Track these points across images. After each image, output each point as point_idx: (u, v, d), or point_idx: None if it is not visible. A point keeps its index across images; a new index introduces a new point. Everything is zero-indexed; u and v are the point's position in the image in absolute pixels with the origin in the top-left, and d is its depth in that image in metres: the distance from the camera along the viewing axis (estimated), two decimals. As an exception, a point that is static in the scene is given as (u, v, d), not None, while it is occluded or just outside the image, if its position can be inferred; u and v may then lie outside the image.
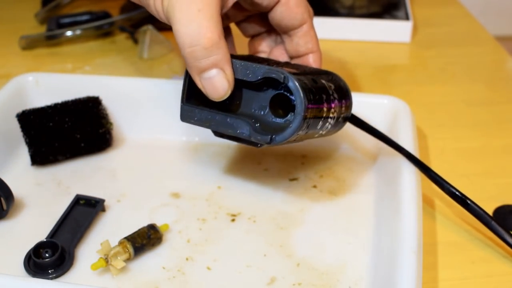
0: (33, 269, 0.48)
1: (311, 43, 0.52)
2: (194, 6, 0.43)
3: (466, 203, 0.50)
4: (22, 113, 0.57)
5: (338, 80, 0.51)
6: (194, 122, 0.48)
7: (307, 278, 0.48)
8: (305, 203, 0.55)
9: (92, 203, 0.53)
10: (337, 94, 0.49)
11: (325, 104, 0.47)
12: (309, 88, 0.45)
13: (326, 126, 0.48)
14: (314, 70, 0.51)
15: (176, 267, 0.49)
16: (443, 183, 0.51)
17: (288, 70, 0.45)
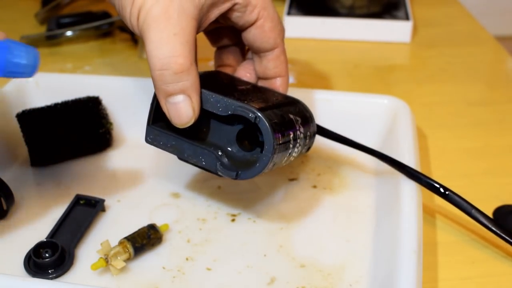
0: (33, 269, 0.48)
1: (280, 68, 0.52)
2: (171, 29, 0.43)
3: (445, 194, 0.50)
4: (22, 113, 0.57)
5: (304, 111, 0.51)
6: (159, 146, 0.48)
7: (307, 278, 0.48)
8: (305, 203, 0.55)
9: (92, 203, 0.53)
10: (303, 127, 0.49)
11: (292, 142, 0.47)
12: (279, 127, 0.45)
13: (289, 159, 0.49)
14: (282, 100, 0.50)
15: (176, 267, 0.49)
16: (420, 177, 0.51)
17: (258, 106, 0.45)
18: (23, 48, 0.39)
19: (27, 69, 0.39)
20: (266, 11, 0.49)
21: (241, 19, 0.49)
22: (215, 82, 0.50)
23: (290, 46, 0.84)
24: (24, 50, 0.39)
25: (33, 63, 0.39)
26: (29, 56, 0.39)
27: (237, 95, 0.47)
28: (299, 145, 0.49)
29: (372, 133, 0.59)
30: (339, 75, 0.78)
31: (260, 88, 0.52)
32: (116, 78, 0.64)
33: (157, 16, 0.43)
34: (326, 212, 0.54)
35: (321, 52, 0.83)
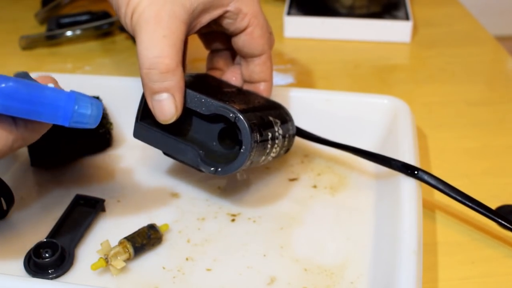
0: (33, 269, 0.48)
1: (265, 73, 0.54)
2: (160, 32, 0.46)
3: (414, 174, 0.50)
4: (22, 113, 0.57)
5: (284, 115, 0.54)
6: (146, 141, 0.51)
7: (307, 278, 0.48)
8: (305, 202, 0.55)
9: (92, 203, 0.53)
10: (282, 129, 0.52)
11: (270, 141, 0.50)
12: (257, 127, 0.48)
13: (267, 158, 0.52)
14: (264, 104, 0.53)
15: (176, 267, 0.49)
16: (390, 162, 0.52)
17: (239, 107, 0.48)
18: (88, 99, 0.41)
19: (91, 120, 0.41)
20: (256, 19, 0.51)
21: (232, 25, 0.51)
22: (202, 83, 0.53)
23: (290, 46, 0.85)
24: (89, 101, 0.41)
25: (96, 114, 0.42)
26: (93, 107, 0.41)
27: (221, 96, 0.50)
28: (277, 145, 0.52)
29: (372, 133, 0.59)
30: (339, 75, 0.78)
31: (245, 91, 0.55)
32: (116, 78, 0.64)
33: (148, 19, 0.46)
34: (326, 212, 0.54)
35: (321, 52, 0.83)
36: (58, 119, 0.40)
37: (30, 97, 0.39)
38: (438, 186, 0.50)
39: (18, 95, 0.38)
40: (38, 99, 0.39)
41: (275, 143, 0.51)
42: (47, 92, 0.40)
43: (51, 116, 0.40)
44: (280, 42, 0.86)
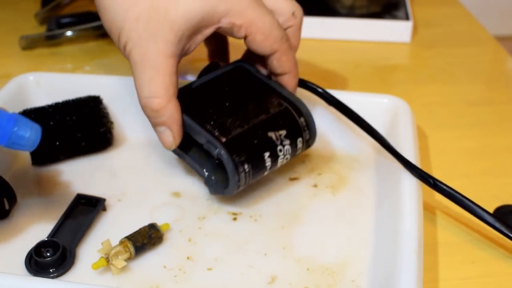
0: (34, 268, 0.48)
1: (284, 67, 0.54)
2: (147, 73, 0.49)
3: (435, 184, 0.51)
4: (22, 113, 0.57)
5: (294, 119, 0.53)
6: (175, 153, 0.55)
7: (308, 277, 0.48)
8: (306, 202, 0.55)
9: (93, 202, 0.53)
10: (289, 138, 0.53)
11: (268, 160, 0.52)
12: (246, 156, 0.50)
13: (274, 169, 0.53)
14: (266, 117, 0.53)
15: (177, 266, 0.49)
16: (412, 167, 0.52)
17: (226, 138, 0.50)
18: (28, 123, 0.43)
19: (28, 143, 0.43)
20: (254, 26, 0.51)
21: (231, 36, 0.52)
22: (205, 93, 0.55)
23: (290, 46, 0.84)
24: (29, 125, 0.42)
25: (35, 138, 0.43)
26: (32, 131, 0.43)
27: (216, 117, 0.52)
28: (284, 156, 0.53)
29: (373, 132, 0.59)
30: (339, 75, 0.78)
31: (252, 97, 0.54)
32: (116, 78, 0.64)
33: (136, 61, 0.49)
34: (327, 211, 0.54)
35: (321, 52, 0.83)
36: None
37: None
38: (457, 198, 0.50)
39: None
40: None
41: (278, 157, 0.52)
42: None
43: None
44: (280, 42, 0.85)
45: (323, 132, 0.59)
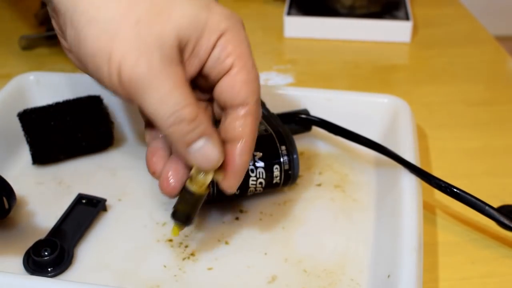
0: (32, 267, 0.48)
1: (244, 130, 0.44)
2: (166, 84, 0.40)
3: (456, 194, 0.50)
4: (23, 112, 0.57)
5: (273, 145, 0.52)
6: None
7: (308, 276, 0.48)
8: (306, 201, 0.55)
9: (94, 202, 0.53)
10: (264, 161, 0.52)
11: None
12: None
13: (245, 189, 0.52)
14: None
15: (177, 266, 0.49)
16: (432, 179, 0.51)
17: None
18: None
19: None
20: (242, 60, 0.43)
21: (215, 68, 0.44)
22: None
23: (290, 46, 0.85)
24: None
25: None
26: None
27: None
28: (255, 179, 0.52)
29: (372, 132, 0.59)
30: (339, 75, 0.78)
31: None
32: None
33: (145, 74, 0.40)
34: (327, 210, 0.54)
35: (321, 52, 0.83)
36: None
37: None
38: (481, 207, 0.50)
39: None
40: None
41: (248, 177, 0.51)
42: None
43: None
44: (280, 42, 0.86)
45: (323, 132, 0.59)
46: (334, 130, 0.57)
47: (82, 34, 0.40)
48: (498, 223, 0.50)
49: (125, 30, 0.40)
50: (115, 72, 0.40)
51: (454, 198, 0.50)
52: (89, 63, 0.41)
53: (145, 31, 0.40)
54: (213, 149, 0.43)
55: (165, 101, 0.40)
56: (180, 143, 0.42)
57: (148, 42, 0.40)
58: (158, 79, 0.40)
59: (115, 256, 0.50)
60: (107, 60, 0.40)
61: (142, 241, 0.51)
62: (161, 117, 0.41)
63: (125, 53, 0.40)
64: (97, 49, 0.40)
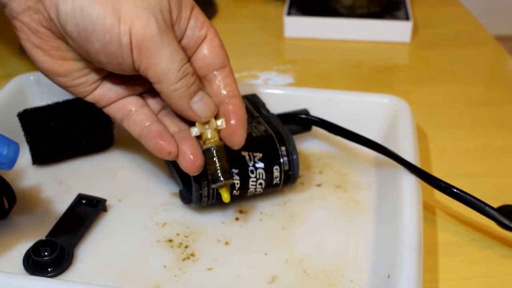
0: (32, 268, 0.48)
1: (231, 87, 0.49)
2: (173, 38, 0.44)
3: (457, 194, 0.50)
4: (23, 112, 0.57)
5: (273, 146, 0.53)
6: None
7: (308, 276, 0.48)
8: (306, 201, 0.55)
9: (94, 202, 0.53)
10: (263, 162, 0.52)
11: (236, 177, 0.51)
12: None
13: (245, 190, 0.52)
14: (249, 139, 0.51)
15: (177, 266, 0.49)
16: (432, 179, 0.51)
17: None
18: (6, 141, 0.41)
19: (7, 160, 0.41)
20: (212, 28, 0.48)
21: (192, 38, 0.47)
22: None
23: (290, 46, 0.85)
24: (7, 142, 0.41)
25: (13, 156, 0.42)
26: (10, 148, 0.41)
27: None
28: (255, 180, 0.52)
29: (373, 132, 0.59)
30: (339, 75, 0.78)
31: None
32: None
33: (156, 33, 0.43)
34: (327, 211, 0.54)
35: (321, 52, 0.83)
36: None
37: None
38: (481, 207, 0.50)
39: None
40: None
41: (248, 178, 0.52)
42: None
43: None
44: (280, 42, 0.86)
45: (323, 132, 0.59)
46: (334, 130, 0.57)
47: (86, 1, 0.42)
48: (498, 223, 0.50)
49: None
50: (127, 32, 0.42)
51: (454, 199, 0.50)
52: (96, 27, 0.42)
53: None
54: (209, 99, 0.47)
55: (175, 57, 0.44)
56: (185, 96, 0.45)
57: (152, 5, 0.43)
58: (167, 37, 0.43)
59: (115, 256, 0.50)
60: (117, 21, 0.42)
61: (142, 241, 0.51)
62: (174, 71, 0.44)
63: (134, 14, 0.42)
64: (106, 12, 0.42)
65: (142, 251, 0.50)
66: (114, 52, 0.43)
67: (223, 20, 0.92)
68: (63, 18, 0.43)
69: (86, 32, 0.43)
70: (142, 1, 0.43)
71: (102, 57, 0.44)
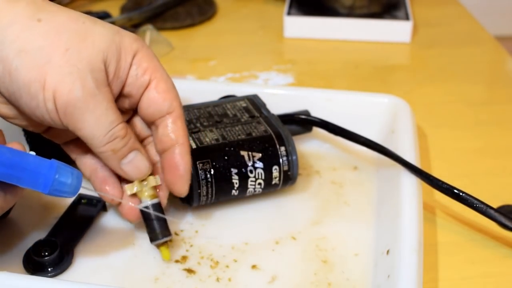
0: (32, 267, 0.48)
1: (177, 133, 0.47)
2: (102, 105, 0.43)
3: (457, 195, 0.50)
4: (22, 113, 0.57)
5: (272, 145, 0.53)
6: None
7: (308, 276, 0.48)
8: (306, 202, 0.55)
9: (94, 202, 0.53)
10: (263, 162, 0.52)
11: (235, 177, 0.51)
12: (211, 166, 0.50)
13: (244, 190, 0.52)
14: (248, 138, 0.53)
15: (177, 265, 0.49)
16: (433, 180, 0.51)
17: (197, 146, 0.51)
18: (69, 169, 0.42)
19: (70, 189, 0.42)
20: (157, 72, 0.46)
21: (135, 85, 0.46)
22: (205, 110, 0.56)
23: (290, 46, 0.85)
24: (70, 171, 0.41)
25: (76, 184, 0.42)
26: (73, 177, 0.42)
27: (199, 130, 0.53)
28: (254, 180, 0.52)
29: (373, 132, 0.59)
30: (339, 75, 0.78)
31: (244, 122, 0.55)
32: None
33: (80, 98, 0.42)
34: (327, 211, 0.54)
35: (321, 52, 0.83)
36: (39, 186, 0.41)
37: (14, 162, 0.39)
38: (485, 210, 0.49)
39: (3, 160, 0.39)
40: (21, 164, 0.40)
41: (247, 178, 0.52)
42: (30, 158, 0.40)
43: (31, 182, 0.40)
44: (280, 42, 0.86)
45: (323, 132, 0.59)
46: (334, 131, 0.57)
47: (14, 65, 0.41)
48: (498, 224, 0.50)
49: (57, 58, 0.41)
50: (50, 98, 0.41)
51: (455, 200, 0.50)
52: (23, 93, 0.42)
53: (75, 57, 0.42)
54: (142, 159, 0.46)
55: (101, 121, 0.43)
56: (114, 159, 0.45)
57: (80, 67, 0.42)
58: (93, 101, 0.42)
59: (115, 256, 0.50)
60: (41, 88, 0.41)
61: (142, 241, 0.51)
62: (98, 136, 0.43)
63: (59, 79, 0.41)
64: (31, 79, 0.41)
65: (142, 251, 0.50)
66: (43, 115, 0.43)
67: (223, 20, 0.92)
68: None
69: (15, 96, 0.42)
70: (69, 64, 0.42)
71: (34, 117, 0.44)
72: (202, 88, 0.63)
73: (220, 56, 0.81)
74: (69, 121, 0.42)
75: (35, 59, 0.41)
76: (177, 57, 0.81)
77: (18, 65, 0.41)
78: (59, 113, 0.42)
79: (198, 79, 0.76)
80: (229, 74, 0.77)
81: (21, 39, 0.41)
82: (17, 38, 0.41)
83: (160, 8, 0.87)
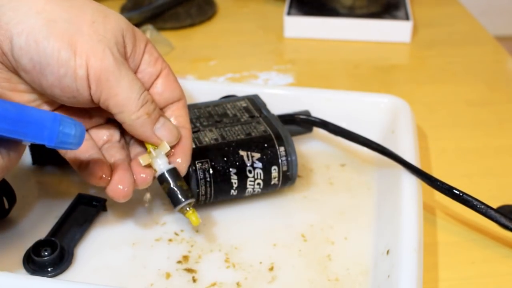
0: (32, 267, 0.48)
1: (184, 118, 0.49)
2: (129, 70, 0.44)
3: (458, 196, 0.50)
4: (23, 113, 0.57)
5: (271, 146, 0.53)
6: None
7: (308, 276, 0.48)
8: (305, 202, 0.55)
9: (94, 202, 0.53)
10: (262, 163, 0.52)
11: (234, 177, 0.51)
12: (210, 166, 0.51)
13: (243, 190, 0.52)
14: (247, 138, 0.53)
15: (177, 264, 0.49)
16: (435, 181, 0.51)
17: (196, 146, 0.51)
18: (71, 120, 0.41)
19: (75, 140, 0.41)
20: (166, 63, 0.48)
21: (147, 72, 0.47)
22: (206, 110, 0.57)
23: (290, 46, 0.85)
24: (72, 122, 0.41)
25: (80, 134, 0.41)
26: (77, 127, 0.41)
27: (199, 130, 0.53)
28: (253, 180, 0.52)
29: (372, 132, 0.59)
30: (339, 75, 0.78)
31: (243, 122, 0.55)
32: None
33: (113, 65, 0.43)
34: (327, 211, 0.54)
35: (321, 52, 0.83)
36: (44, 139, 0.40)
37: (18, 117, 0.38)
38: (486, 211, 0.49)
39: (8, 115, 0.38)
40: (26, 119, 0.39)
41: (246, 178, 0.52)
42: (33, 112, 0.39)
43: (37, 136, 0.40)
44: (280, 42, 0.86)
45: (323, 132, 0.59)
46: (334, 131, 0.57)
47: (42, 34, 0.42)
48: (499, 224, 0.50)
49: (85, 28, 0.43)
50: (83, 64, 0.42)
51: (455, 200, 0.50)
52: (51, 61, 0.42)
53: (102, 28, 0.44)
54: (172, 124, 0.47)
55: (133, 86, 0.44)
56: (148, 123, 0.46)
57: (107, 37, 0.43)
58: (124, 68, 0.44)
59: (115, 256, 0.50)
60: (73, 55, 0.42)
61: (142, 241, 0.51)
62: (133, 100, 0.44)
63: (90, 47, 0.42)
64: (61, 46, 0.42)
65: (142, 251, 0.50)
66: (69, 85, 0.43)
67: (223, 20, 0.92)
68: (17, 52, 0.42)
69: (40, 65, 0.42)
70: (97, 34, 0.43)
71: (56, 90, 0.43)
72: (202, 88, 0.64)
73: (220, 56, 0.81)
74: (103, 88, 0.43)
75: (64, 28, 0.42)
76: (177, 57, 0.81)
77: (47, 34, 0.42)
78: (89, 80, 0.43)
79: (198, 79, 0.76)
80: (229, 74, 0.77)
81: (47, 11, 0.42)
82: (43, 10, 0.42)
83: (160, 8, 0.87)
